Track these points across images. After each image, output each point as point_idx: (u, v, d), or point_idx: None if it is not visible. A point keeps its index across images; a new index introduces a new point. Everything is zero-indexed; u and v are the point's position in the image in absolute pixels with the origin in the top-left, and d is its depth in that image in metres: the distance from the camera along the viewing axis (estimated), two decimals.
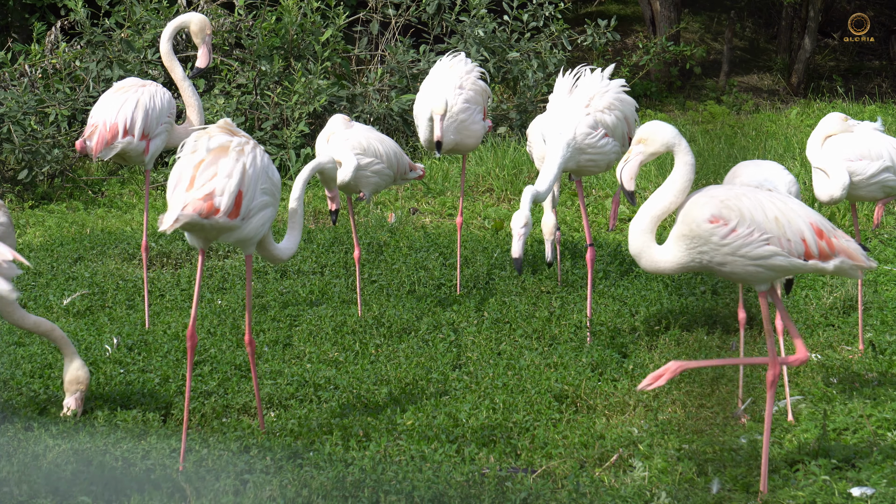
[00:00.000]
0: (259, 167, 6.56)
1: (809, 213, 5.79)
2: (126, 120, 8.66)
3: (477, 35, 15.26)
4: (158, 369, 7.75)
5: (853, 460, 6.37)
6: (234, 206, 6.45)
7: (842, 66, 21.25)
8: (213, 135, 6.56)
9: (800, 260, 5.72)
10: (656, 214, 5.80)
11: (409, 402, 7.25)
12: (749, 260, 5.70)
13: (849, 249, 5.79)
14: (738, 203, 5.71)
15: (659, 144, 5.86)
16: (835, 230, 5.81)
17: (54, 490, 6.01)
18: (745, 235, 5.67)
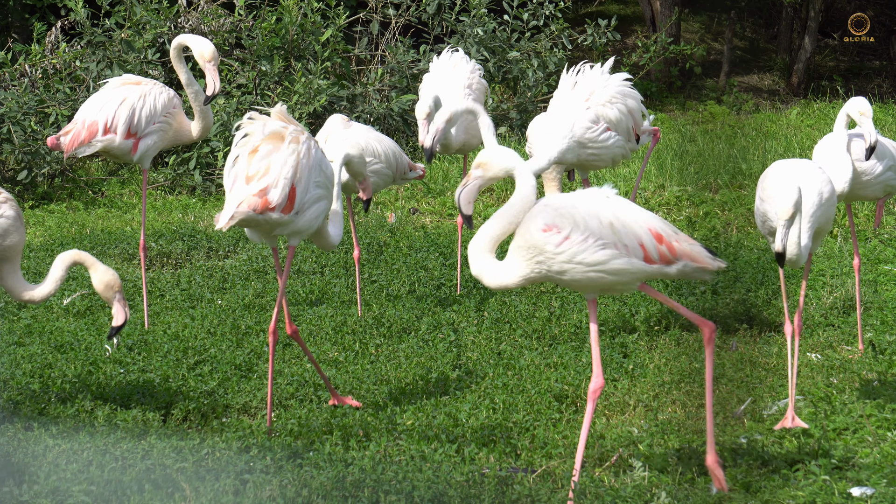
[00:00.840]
0: (313, 160, 6.81)
1: (649, 218, 5.77)
2: (108, 118, 8.63)
3: (477, 35, 15.26)
4: (158, 369, 7.75)
5: (853, 460, 6.37)
6: (287, 202, 6.72)
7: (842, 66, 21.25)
8: (267, 122, 6.80)
9: (643, 263, 5.71)
10: (495, 235, 5.81)
11: (409, 402, 7.25)
12: (587, 266, 5.69)
13: (692, 253, 5.78)
14: (572, 211, 5.71)
15: (497, 170, 5.86)
16: (677, 234, 5.79)
17: (54, 490, 6.01)
18: (579, 242, 5.67)
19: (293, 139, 6.78)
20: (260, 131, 6.78)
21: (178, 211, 12.87)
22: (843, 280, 9.21)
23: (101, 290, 6.95)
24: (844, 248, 10.25)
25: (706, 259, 5.80)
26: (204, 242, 11.07)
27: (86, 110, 8.68)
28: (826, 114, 17.13)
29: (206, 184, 13.64)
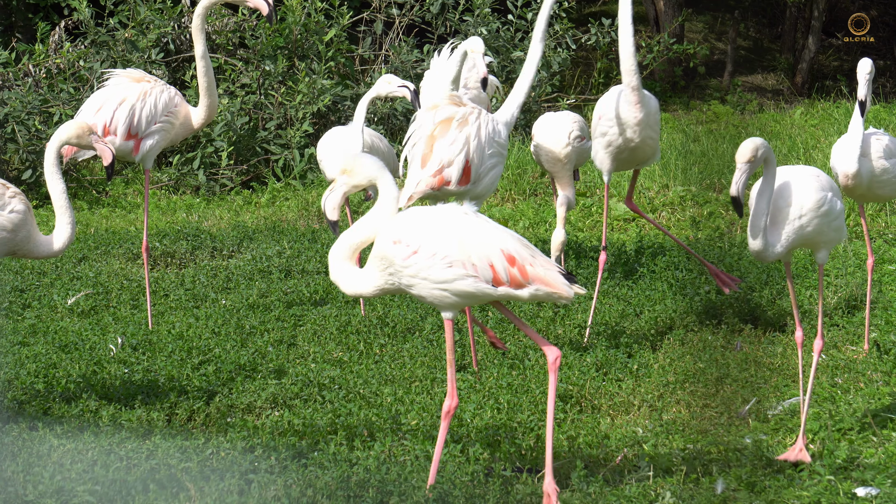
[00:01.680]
0: (485, 136, 7.64)
1: (506, 240, 5.68)
2: (106, 120, 8.58)
3: (481, 34, 15.26)
4: (163, 369, 7.75)
5: (858, 460, 6.36)
6: (463, 176, 7.63)
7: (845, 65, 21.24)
8: (439, 107, 7.68)
9: (489, 286, 5.65)
10: (355, 243, 5.82)
11: (413, 402, 7.25)
12: (433, 283, 5.65)
13: (545, 278, 5.67)
14: (424, 226, 5.67)
15: (362, 177, 5.86)
16: (534, 258, 5.70)
17: (59, 490, 6.01)
18: (426, 258, 5.63)
19: (461, 122, 7.64)
20: (431, 119, 7.68)
21: (182, 210, 12.88)
22: (847, 280, 9.20)
23: (76, 139, 6.90)
24: (849, 248, 10.24)
25: (561, 286, 5.68)
26: (208, 242, 11.07)
27: (85, 112, 8.64)
28: (830, 114, 17.11)
29: (209, 183, 13.65)
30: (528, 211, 12.34)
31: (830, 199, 6.48)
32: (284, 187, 13.63)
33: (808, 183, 6.46)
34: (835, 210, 6.50)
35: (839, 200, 6.54)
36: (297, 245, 10.87)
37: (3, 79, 14.18)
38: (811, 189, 6.45)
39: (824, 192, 6.47)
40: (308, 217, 12.54)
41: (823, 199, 6.45)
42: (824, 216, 6.45)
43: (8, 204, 6.85)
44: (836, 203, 6.52)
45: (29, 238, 6.91)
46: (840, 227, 6.58)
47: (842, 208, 6.56)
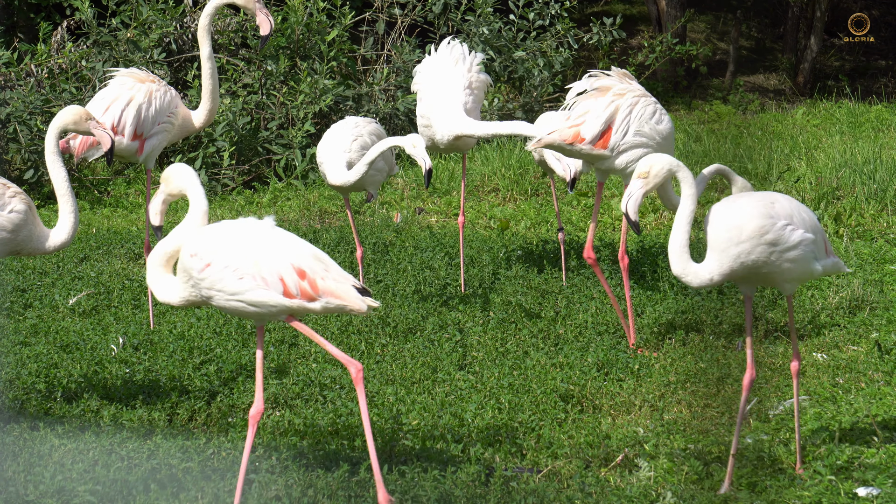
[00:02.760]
0: (638, 113, 7.96)
1: (298, 254, 5.77)
2: (114, 120, 8.62)
3: (483, 34, 15.25)
4: (164, 369, 7.76)
5: (859, 460, 6.36)
6: (600, 138, 7.93)
7: (848, 65, 21.23)
8: (600, 77, 8.09)
9: (281, 297, 5.74)
10: (168, 252, 5.94)
11: (414, 402, 7.25)
12: (228, 295, 5.76)
13: (336, 291, 5.74)
14: (219, 239, 5.79)
15: (174, 187, 6.08)
16: (327, 272, 5.78)
17: (60, 489, 6.02)
18: (219, 270, 5.74)
19: (617, 93, 7.99)
20: (589, 84, 8.08)
21: (183, 210, 12.88)
22: (848, 280, 9.20)
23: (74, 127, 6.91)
24: (850, 247, 10.24)
25: (353, 299, 5.75)
26: None
27: (92, 110, 8.65)
28: (832, 114, 17.11)
29: (211, 183, 13.65)
30: (530, 211, 12.35)
31: (781, 228, 6.02)
32: (286, 187, 13.64)
33: (752, 208, 6.03)
34: (788, 241, 6.03)
35: (804, 231, 6.07)
36: None
37: (6, 79, 14.18)
38: (754, 215, 6.01)
39: (771, 220, 6.00)
40: (310, 217, 12.54)
41: (767, 226, 6.00)
42: (770, 245, 6.02)
43: (8, 204, 6.86)
44: (792, 233, 6.04)
45: (31, 237, 6.91)
46: (802, 258, 6.07)
47: (808, 239, 6.07)
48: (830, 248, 6.31)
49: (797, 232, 6.05)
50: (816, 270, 6.16)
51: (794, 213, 6.11)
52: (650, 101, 8.17)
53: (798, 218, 6.10)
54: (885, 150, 13.52)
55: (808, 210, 6.22)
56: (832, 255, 6.31)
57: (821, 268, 6.18)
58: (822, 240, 6.21)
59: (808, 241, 6.08)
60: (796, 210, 6.14)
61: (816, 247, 6.13)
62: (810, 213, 6.21)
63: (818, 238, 6.16)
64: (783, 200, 6.15)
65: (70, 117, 6.86)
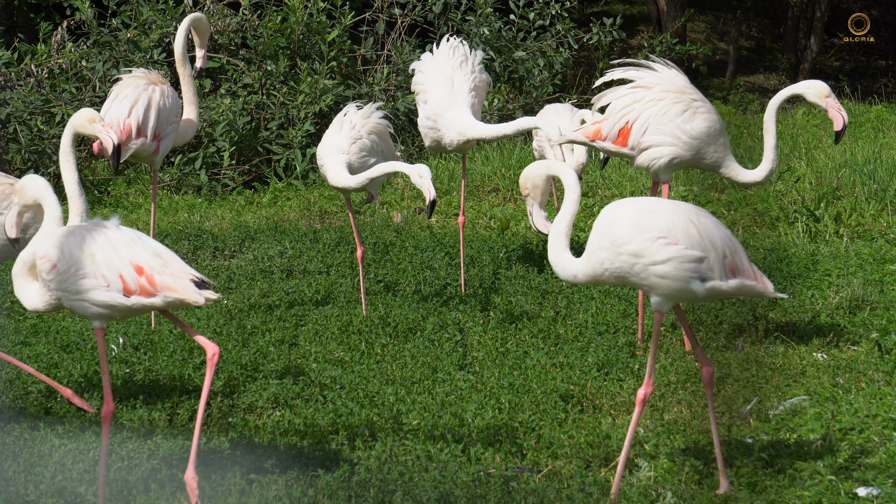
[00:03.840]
0: (662, 110, 7.93)
1: (137, 251, 5.88)
2: (139, 120, 8.71)
3: (483, 34, 15.26)
4: (164, 369, 7.76)
5: (859, 460, 6.36)
6: (618, 136, 7.95)
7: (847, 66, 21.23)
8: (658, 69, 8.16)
9: (121, 296, 5.83)
10: (27, 260, 6.02)
11: (414, 402, 7.25)
12: (73, 295, 5.86)
13: (174, 286, 5.85)
14: (64, 241, 5.90)
15: (29, 197, 6.20)
16: (165, 267, 5.87)
17: (60, 490, 6.02)
18: (63, 271, 5.85)
19: (642, 87, 8.02)
20: (617, 75, 8.25)
21: (183, 210, 12.89)
22: (849, 280, 9.20)
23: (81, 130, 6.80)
24: (851, 247, 10.24)
25: (190, 293, 5.84)
26: (210, 242, 11.08)
27: (116, 113, 8.71)
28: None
29: (211, 183, 13.65)
30: None
31: (649, 240, 5.76)
32: (286, 187, 13.64)
33: (628, 215, 5.82)
34: (656, 255, 5.76)
35: (683, 247, 5.78)
36: (298, 245, 10.87)
37: (6, 79, 14.18)
38: (623, 223, 5.80)
39: (639, 230, 5.76)
40: (310, 217, 12.54)
41: (632, 235, 5.77)
42: (634, 255, 5.78)
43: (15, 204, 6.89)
44: (663, 248, 5.77)
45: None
46: (674, 276, 5.79)
47: (684, 256, 5.76)
48: (744, 269, 5.92)
49: (670, 248, 5.76)
50: (698, 292, 5.81)
51: (677, 226, 5.78)
52: (682, 98, 8.03)
53: (682, 233, 5.78)
54: (885, 150, 13.52)
55: (713, 226, 5.87)
56: (744, 275, 5.93)
57: (704, 290, 5.81)
58: (719, 260, 5.84)
59: (686, 259, 5.76)
60: (684, 224, 5.80)
61: (704, 266, 5.80)
62: (711, 230, 5.85)
63: (711, 257, 5.81)
64: (668, 211, 5.83)
65: (78, 120, 6.86)
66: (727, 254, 5.86)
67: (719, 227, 5.89)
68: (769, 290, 5.99)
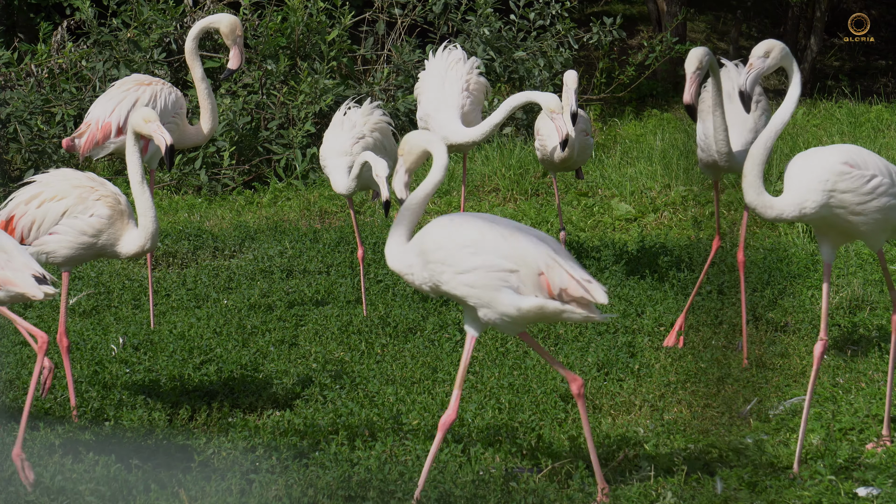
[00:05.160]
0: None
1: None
2: (120, 119, 8.68)
3: (483, 34, 15.26)
4: (164, 369, 7.76)
5: (859, 460, 6.36)
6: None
7: (847, 65, 21.22)
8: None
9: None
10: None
11: (414, 402, 7.25)
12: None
13: (13, 280, 5.85)
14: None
15: None
16: (8, 262, 5.88)
17: (60, 490, 6.02)
18: None
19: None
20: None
21: (183, 210, 12.89)
22: (849, 280, 9.20)
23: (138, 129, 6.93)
24: (850, 247, 10.24)
25: (28, 287, 5.83)
26: (210, 242, 11.08)
27: (98, 111, 8.71)
28: (832, 114, 17.10)
29: (211, 183, 13.65)
30: (530, 211, 12.35)
31: (456, 249, 5.72)
32: (286, 187, 13.64)
33: (439, 226, 5.86)
34: (463, 264, 5.70)
35: (485, 256, 5.69)
36: (298, 245, 10.87)
37: (6, 79, 14.18)
38: (435, 233, 5.84)
39: (447, 241, 5.76)
40: (310, 217, 12.54)
41: (439, 245, 5.76)
42: (442, 264, 5.75)
43: (91, 207, 6.92)
44: (467, 257, 5.69)
45: (113, 241, 6.96)
46: (486, 285, 5.68)
47: (488, 266, 5.66)
48: (567, 287, 5.70)
49: (476, 257, 5.71)
50: (507, 305, 5.68)
51: (486, 238, 5.70)
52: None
53: (491, 245, 5.69)
54: (885, 150, 13.53)
55: (529, 243, 5.71)
56: (564, 295, 5.70)
57: (514, 306, 5.68)
58: (531, 276, 5.66)
59: (493, 268, 5.68)
60: (494, 236, 5.71)
61: (514, 279, 5.68)
62: (526, 246, 5.70)
63: (522, 272, 5.67)
64: (480, 224, 5.77)
65: (135, 120, 6.88)
66: (542, 270, 5.69)
67: (539, 246, 5.72)
68: (593, 317, 5.73)
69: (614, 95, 17.18)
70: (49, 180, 7.09)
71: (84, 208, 6.93)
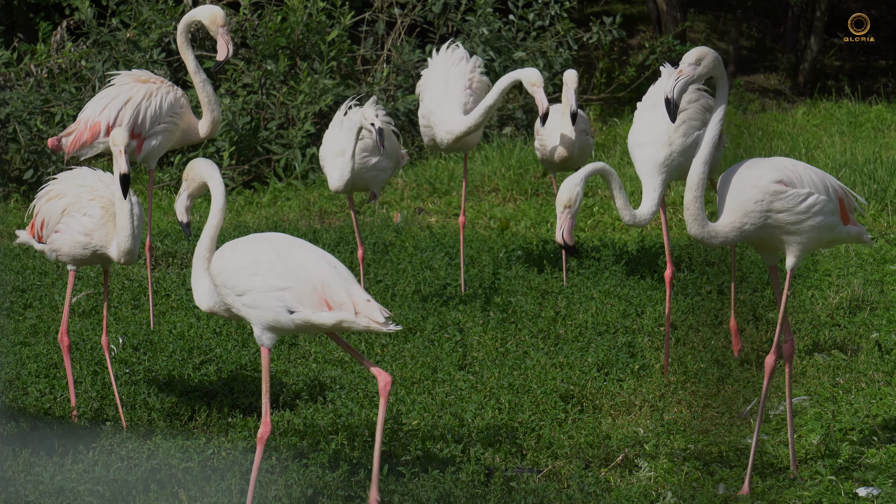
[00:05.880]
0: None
1: None
2: (110, 119, 8.59)
3: (483, 34, 15.25)
4: (164, 369, 7.76)
5: (859, 460, 6.36)
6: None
7: (847, 65, 21.22)
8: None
9: None
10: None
11: (414, 402, 7.25)
12: None
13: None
14: None
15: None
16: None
17: (60, 490, 6.02)
18: None
19: None
20: None
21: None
22: (849, 280, 9.20)
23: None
24: (850, 247, 10.24)
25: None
26: None
27: (89, 110, 8.65)
28: (832, 114, 17.10)
29: None
30: (530, 211, 12.34)
31: (235, 272, 5.84)
32: (286, 187, 13.64)
33: (221, 252, 5.98)
34: (242, 286, 5.83)
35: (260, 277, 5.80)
36: None
37: (5, 79, 14.17)
38: (217, 259, 5.97)
39: (227, 264, 5.89)
40: (310, 217, 12.54)
41: (220, 269, 5.90)
42: (226, 287, 5.91)
43: (84, 207, 6.93)
44: (245, 279, 5.82)
45: (107, 243, 6.97)
46: (263, 306, 5.79)
47: (264, 287, 5.78)
48: (341, 303, 5.77)
49: (253, 278, 5.81)
50: (285, 323, 5.79)
51: (262, 259, 5.79)
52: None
53: (267, 265, 5.80)
54: (885, 150, 13.52)
55: (306, 261, 5.81)
56: (341, 308, 5.77)
57: (292, 321, 5.77)
58: (307, 292, 5.78)
59: (267, 289, 5.78)
60: (269, 256, 5.79)
61: (289, 296, 5.75)
62: (302, 263, 5.80)
63: (297, 288, 5.77)
64: (255, 245, 5.89)
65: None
66: (317, 287, 5.75)
67: (316, 263, 5.80)
68: (375, 326, 5.74)
69: (614, 95, 17.18)
70: (61, 178, 7.13)
71: (79, 207, 6.94)
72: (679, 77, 6.03)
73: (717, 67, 6.07)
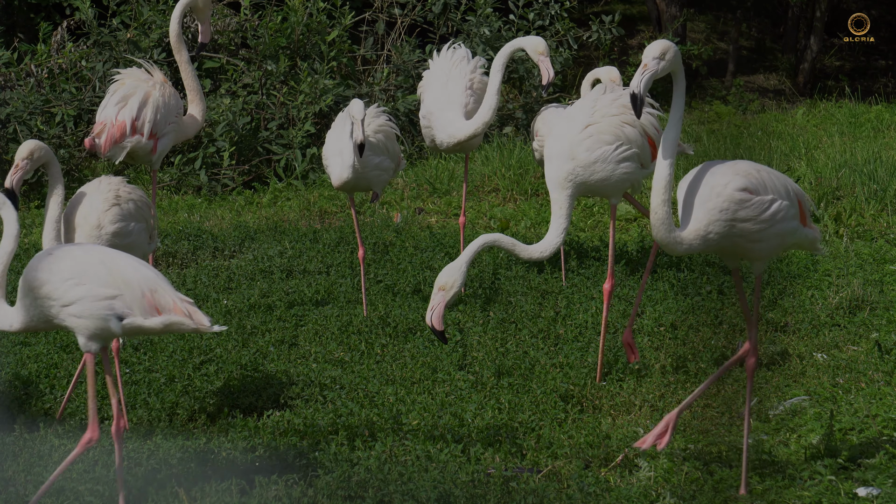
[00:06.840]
0: None
1: None
2: (133, 117, 8.60)
3: (483, 34, 15.26)
4: (164, 369, 7.76)
5: (859, 460, 6.36)
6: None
7: (847, 65, 21.23)
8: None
9: None
10: None
11: (414, 402, 7.25)
12: None
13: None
14: None
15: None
16: None
17: (60, 490, 6.02)
18: None
19: None
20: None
21: (183, 211, 12.89)
22: (849, 280, 9.20)
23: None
24: (850, 247, 10.24)
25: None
26: (209, 242, 11.08)
27: (111, 109, 8.60)
28: (832, 114, 17.11)
29: (211, 183, 13.65)
30: (530, 211, 12.35)
31: (59, 282, 5.77)
32: (286, 187, 13.64)
33: (42, 261, 5.91)
34: (67, 296, 5.75)
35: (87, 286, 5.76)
36: (298, 245, 10.87)
37: (6, 79, 14.18)
38: (39, 269, 5.89)
39: (50, 275, 5.83)
40: (310, 217, 12.54)
41: (43, 280, 5.82)
42: (49, 299, 5.82)
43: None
44: (70, 289, 5.75)
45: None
46: (92, 315, 5.75)
47: (92, 296, 5.76)
48: (170, 307, 5.83)
49: (79, 288, 5.78)
50: (115, 329, 5.79)
51: (87, 268, 5.77)
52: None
53: (92, 274, 5.78)
54: (885, 150, 13.52)
55: (129, 267, 5.84)
56: (170, 312, 5.83)
57: (121, 328, 5.80)
58: (136, 298, 5.80)
59: (96, 297, 5.76)
60: (95, 265, 5.79)
61: (119, 304, 5.77)
62: (127, 270, 5.82)
63: (127, 296, 5.79)
64: (79, 255, 5.85)
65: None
66: (146, 293, 5.78)
67: (140, 269, 5.82)
68: (203, 327, 5.84)
69: None
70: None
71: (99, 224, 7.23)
72: (644, 71, 5.92)
73: (678, 62, 6.01)
